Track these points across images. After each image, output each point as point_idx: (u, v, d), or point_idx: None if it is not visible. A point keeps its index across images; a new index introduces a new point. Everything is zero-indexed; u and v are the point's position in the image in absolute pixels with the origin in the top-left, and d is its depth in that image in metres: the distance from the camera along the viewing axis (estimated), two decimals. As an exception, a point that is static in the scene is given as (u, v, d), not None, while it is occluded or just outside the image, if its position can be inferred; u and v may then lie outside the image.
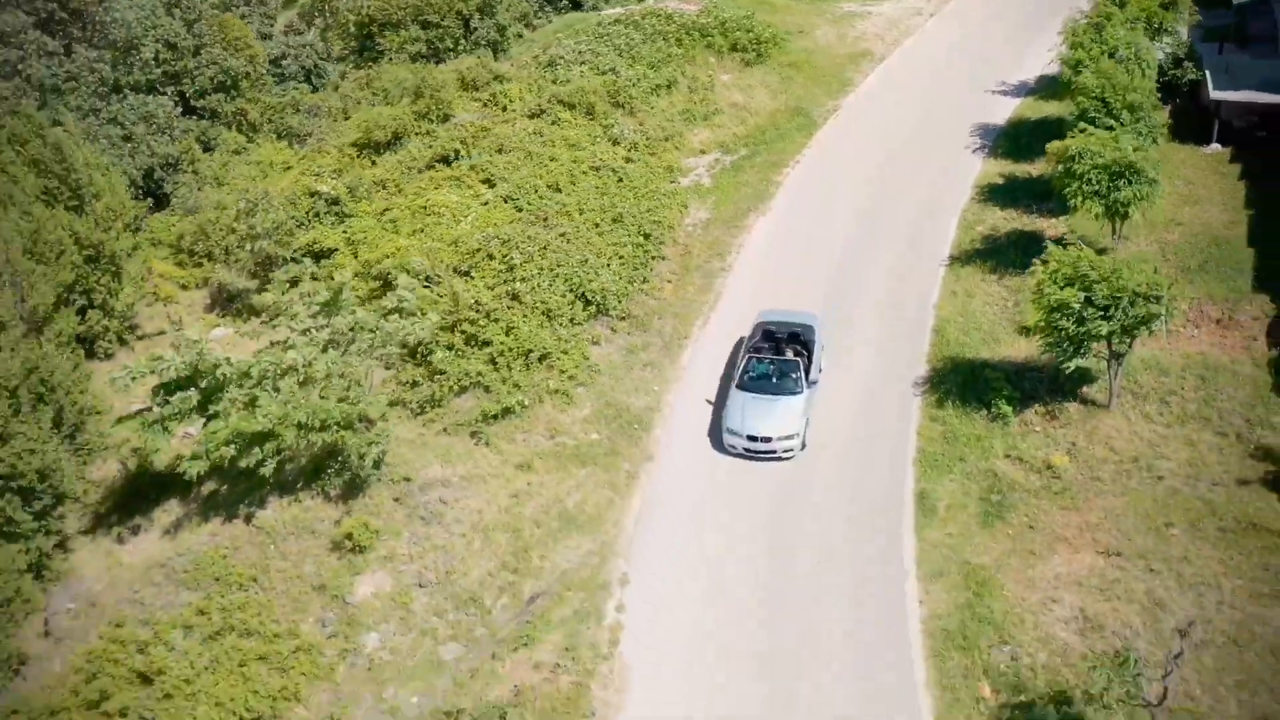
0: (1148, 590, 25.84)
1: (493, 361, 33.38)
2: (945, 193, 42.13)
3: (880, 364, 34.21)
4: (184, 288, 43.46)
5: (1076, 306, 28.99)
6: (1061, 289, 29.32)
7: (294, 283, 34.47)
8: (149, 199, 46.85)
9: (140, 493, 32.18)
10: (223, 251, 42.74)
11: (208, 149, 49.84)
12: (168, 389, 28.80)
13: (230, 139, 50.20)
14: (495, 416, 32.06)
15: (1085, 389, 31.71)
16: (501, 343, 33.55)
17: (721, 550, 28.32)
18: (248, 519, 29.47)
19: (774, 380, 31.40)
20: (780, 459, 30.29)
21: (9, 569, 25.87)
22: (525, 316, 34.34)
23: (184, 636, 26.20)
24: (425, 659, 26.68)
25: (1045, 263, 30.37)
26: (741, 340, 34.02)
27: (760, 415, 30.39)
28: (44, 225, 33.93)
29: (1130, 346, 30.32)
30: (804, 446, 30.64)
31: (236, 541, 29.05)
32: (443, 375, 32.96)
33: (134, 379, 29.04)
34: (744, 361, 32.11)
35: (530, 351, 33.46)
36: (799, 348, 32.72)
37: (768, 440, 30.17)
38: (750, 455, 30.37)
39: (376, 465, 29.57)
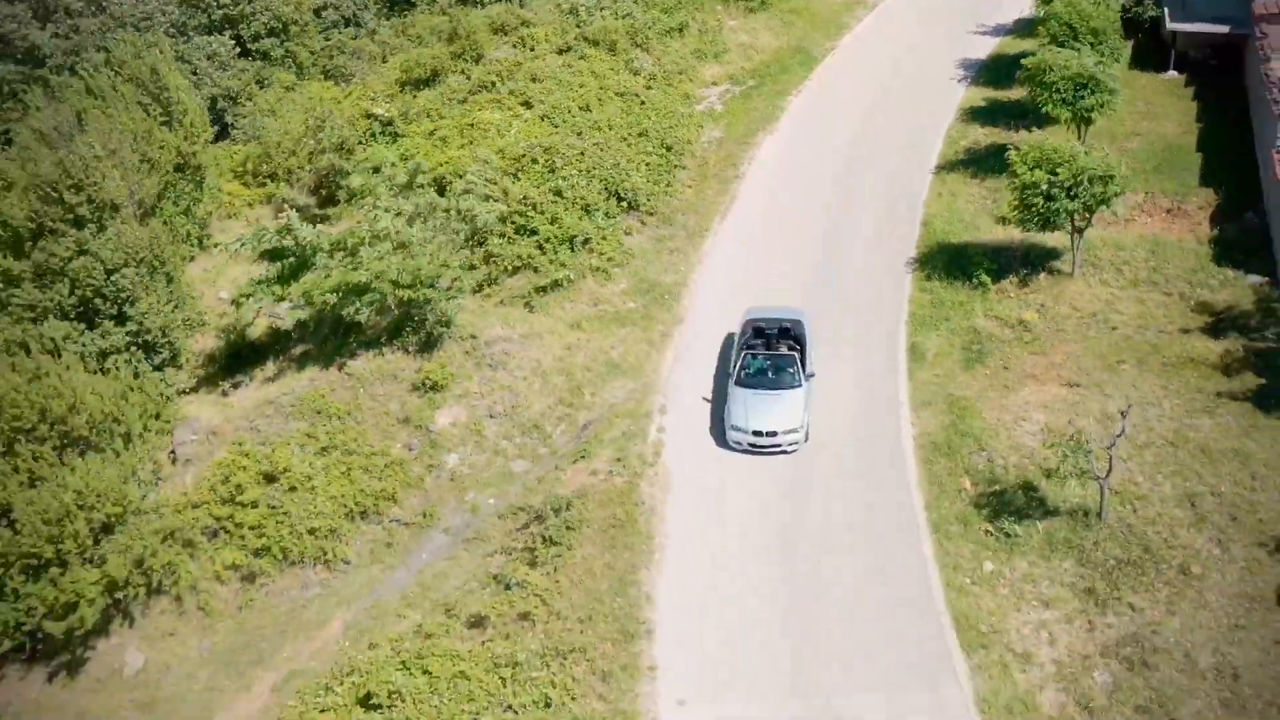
0: (1101, 408, 31.01)
1: (540, 247, 38.46)
2: (933, 115, 47.28)
3: (877, 251, 39.30)
4: (249, 205, 48.39)
5: (1044, 185, 34.17)
6: (1031, 170, 34.50)
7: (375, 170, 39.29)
8: (213, 128, 51.71)
9: (238, 359, 37.29)
10: (285, 172, 47.72)
11: (261, 87, 54.75)
12: (271, 255, 33.79)
13: (282, 78, 55.10)
14: (545, 289, 37.15)
15: (1053, 262, 36.91)
16: (547, 231, 38.63)
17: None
18: (340, 368, 34.55)
19: (772, 375, 31.67)
20: (785, 453, 30.80)
21: (153, 392, 30.85)
22: (567, 210, 39.40)
23: (298, 450, 31.23)
24: (498, 472, 31.84)
25: (1019, 148, 35.54)
26: (730, 336, 34.43)
27: (763, 410, 30.69)
28: (152, 131, 38.76)
29: (1090, 222, 35.53)
30: (807, 439, 31.06)
31: (331, 385, 34.16)
32: (497, 258, 38.03)
33: (243, 246, 34.02)
34: (740, 358, 32.14)
35: (574, 238, 38.54)
36: (791, 343, 32.85)
37: (773, 435, 30.43)
38: (755, 450, 30.69)
39: (447, 324, 34.70)
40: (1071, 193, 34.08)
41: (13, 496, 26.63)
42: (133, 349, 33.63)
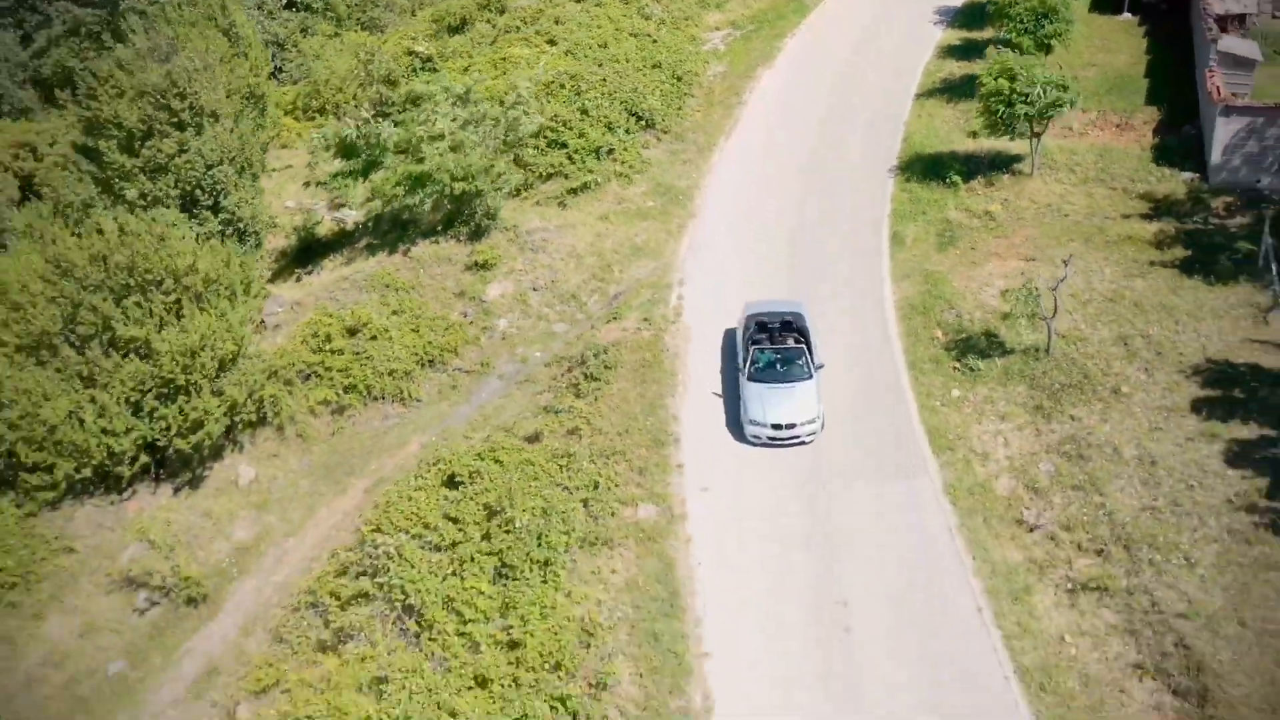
0: (1051, 274, 36.59)
1: (569, 158, 44.12)
2: (913, 52, 53.06)
3: (864, 162, 44.99)
4: (299, 136, 53.97)
5: (1006, 92, 39.91)
6: (995, 80, 40.24)
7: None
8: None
9: (308, 253, 42.94)
10: (334, 107, 53.32)
11: (305, 35, 60.35)
12: (345, 154, 39.40)
13: (324, 28, 60.72)
14: (575, 191, 42.82)
15: (1015, 165, 42.65)
16: (576, 144, 44.30)
17: (750, 266, 39.12)
18: (404, 253, 40.18)
19: (782, 368, 32.21)
20: (804, 444, 31.40)
21: (250, 263, 36.46)
22: (592, 126, 45.06)
23: (375, 309, 36.89)
24: (542, 332, 37.51)
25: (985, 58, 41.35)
26: (730, 332, 35.41)
27: (780, 403, 31.19)
28: (232, 58, 44.29)
29: (1046, 127, 41.27)
30: (823, 427, 31.72)
31: (396, 267, 39.78)
32: (533, 166, 43.67)
33: (324, 140, 39.57)
34: (748, 353, 32.56)
35: (599, 149, 44.23)
36: (796, 335, 33.41)
37: (792, 426, 30.96)
38: (774, 443, 31.23)
39: (493, 217, 40.33)
40: (1029, 100, 39.78)
41: (150, 335, 32.18)
42: (226, 234, 39.14)
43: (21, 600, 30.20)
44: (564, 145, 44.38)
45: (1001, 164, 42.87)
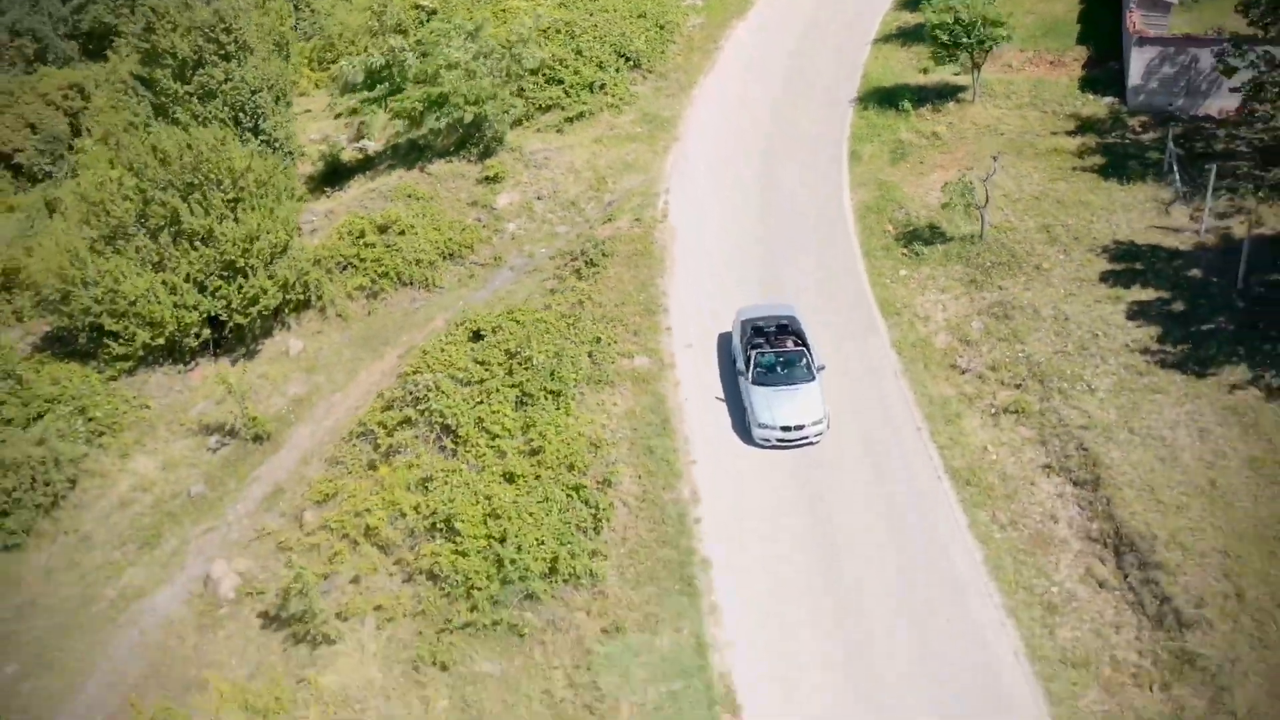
0: (985, 171, 42.54)
1: (565, 92, 49.71)
2: (872, 5, 58.86)
3: (826, 95, 50.68)
4: (315, 86, 59.45)
5: (950, 24, 45.69)
6: (940, 14, 46.05)
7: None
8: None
9: (335, 175, 48.40)
10: (338, 76, 58.66)
11: (317, -5, 65.83)
12: (373, 79, 44.85)
13: (333, -10, 66.17)
14: (571, 119, 48.42)
15: (959, 94, 48.44)
16: (571, 79, 49.90)
17: (726, 179, 44.75)
18: (422, 170, 45.69)
19: (784, 370, 32.59)
20: (811, 444, 31.83)
21: (291, 172, 41.86)
22: (585, 65, 50.65)
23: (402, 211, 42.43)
24: (546, 233, 43.06)
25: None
26: (725, 336, 36.15)
27: (786, 405, 31.65)
28: (266, 3, 49.73)
29: (985, 59, 47.07)
30: (829, 426, 32.15)
31: (416, 181, 45.29)
32: (533, 99, 49.22)
33: (355, 65, 45.01)
34: (750, 358, 32.90)
35: (591, 84, 49.83)
36: (794, 338, 33.68)
37: (800, 428, 31.38)
38: (784, 445, 31.64)
39: (500, 140, 45.86)
40: (970, 31, 45.58)
41: (213, 225, 37.58)
42: (266, 153, 44.52)
43: (110, 444, 35.57)
44: (560, 81, 49.94)
45: (947, 93, 48.64)
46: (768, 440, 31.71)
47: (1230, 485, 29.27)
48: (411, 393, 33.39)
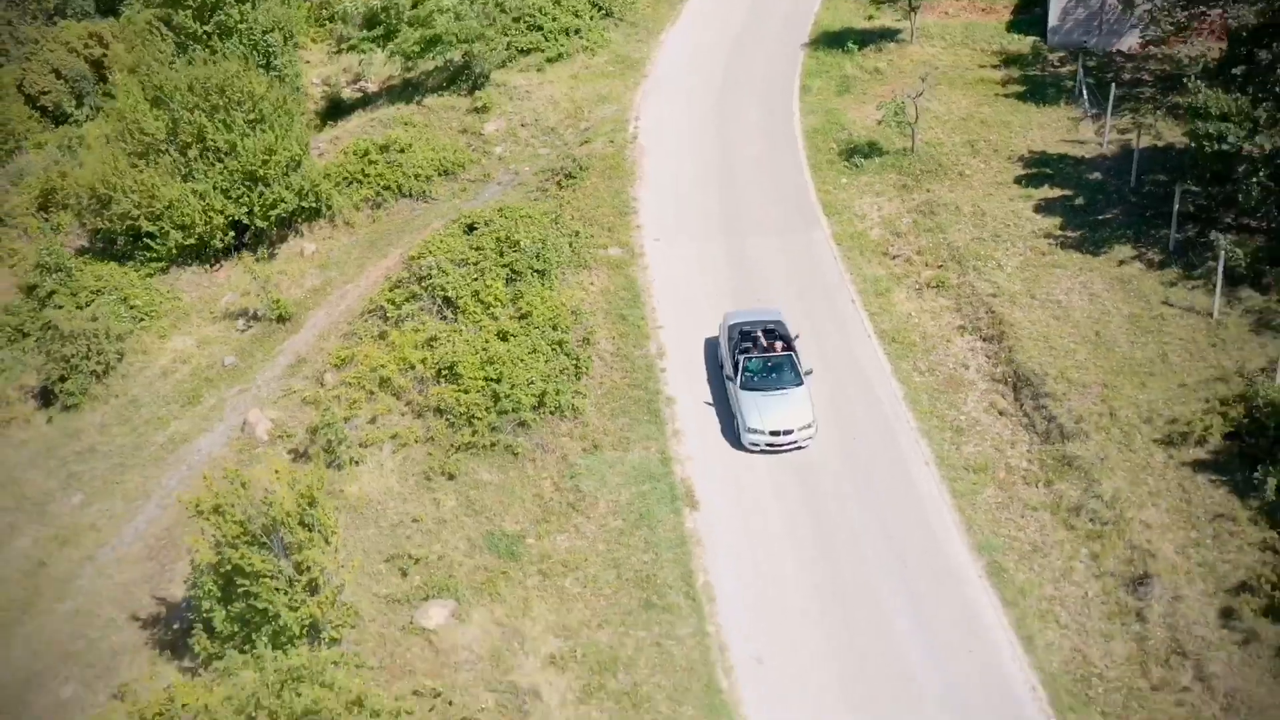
0: (916, 103, 48.07)
1: (544, 37, 54.98)
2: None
3: (780, 39, 56.10)
4: (314, 41, 64.42)
5: (888, -27, 51.29)
6: (879, -36, 51.64)
7: None
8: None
9: (337, 111, 53.52)
10: (343, 14, 63.68)
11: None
12: (372, 19, 49.99)
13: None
14: (550, 60, 53.68)
15: (899, 36, 53.98)
16: (550, 26, 55.17)
17: (689, 110, 50.10)
18: (417, 103, 50.88)
19: (773, 375, 32.70)
20: (800, 448, 32.14)
21: (301, 100, 46.93)
22: (563, 13, 55.92)
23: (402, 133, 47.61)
24: (530, 154, 48.32)
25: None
26: (712, 341, 36.34)
27: (775, 409, 31.89)
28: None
29: (920, 5, 52.60)
30: (817, 430, 32.26)
31: (412, 112, 50.47)
32: (515, 42, 54.47)
33: (356, 4, 50.14)
34: (739, 363, 33.03)
35: (568, 29, 55.11)
36: (781, 342, 33.70)
37: (789, 432, 31.66)
38: (773, 450, 31.92)
39: (487, 76, 51.08)
40: (908, -21, 51.18)
41: (236, 140, 42.68)
42: (285, 92, 49.56)
43: (150, 326, 40.66)
44: (540, 28, 55.20)
45: (888, 36, 54.16)
46: (757, 445, 31.82)
47: (1111, 335, 34.82)
48: (416, 273, 38.57)
